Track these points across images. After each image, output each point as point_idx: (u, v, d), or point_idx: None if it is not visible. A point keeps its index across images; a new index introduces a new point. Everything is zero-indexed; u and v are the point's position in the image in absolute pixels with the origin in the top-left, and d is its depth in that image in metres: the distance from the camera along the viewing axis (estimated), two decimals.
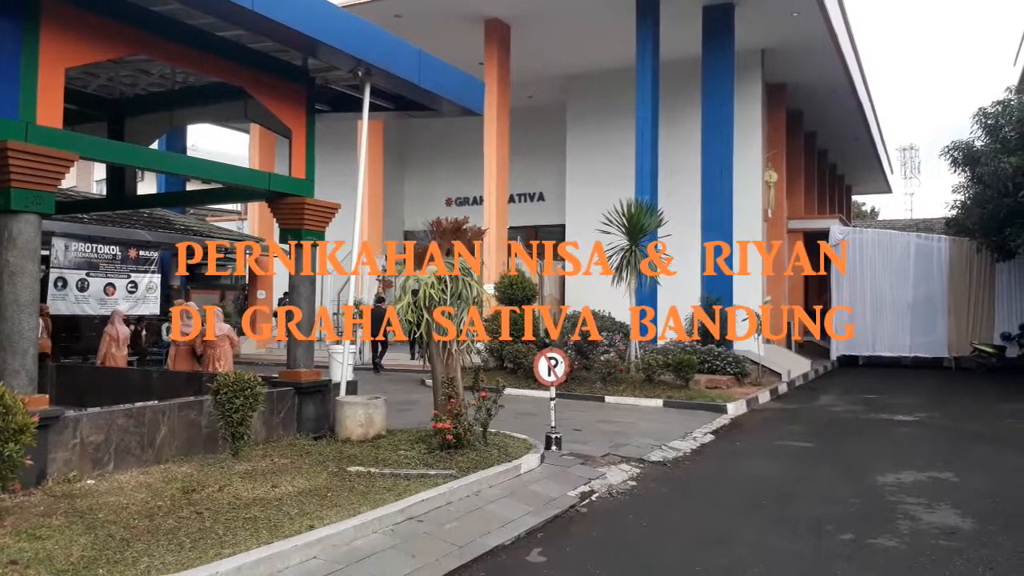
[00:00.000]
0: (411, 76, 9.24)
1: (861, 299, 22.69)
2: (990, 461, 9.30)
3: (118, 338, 12.34)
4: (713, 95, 17.74)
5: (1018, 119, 16.98)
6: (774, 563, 5.50)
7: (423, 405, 10.39)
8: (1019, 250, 17.76)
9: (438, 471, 7.08)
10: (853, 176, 40.83)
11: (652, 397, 13.38)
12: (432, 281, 8.14)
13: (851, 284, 22.78)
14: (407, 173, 27.88)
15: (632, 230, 14.68)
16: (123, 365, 12.47)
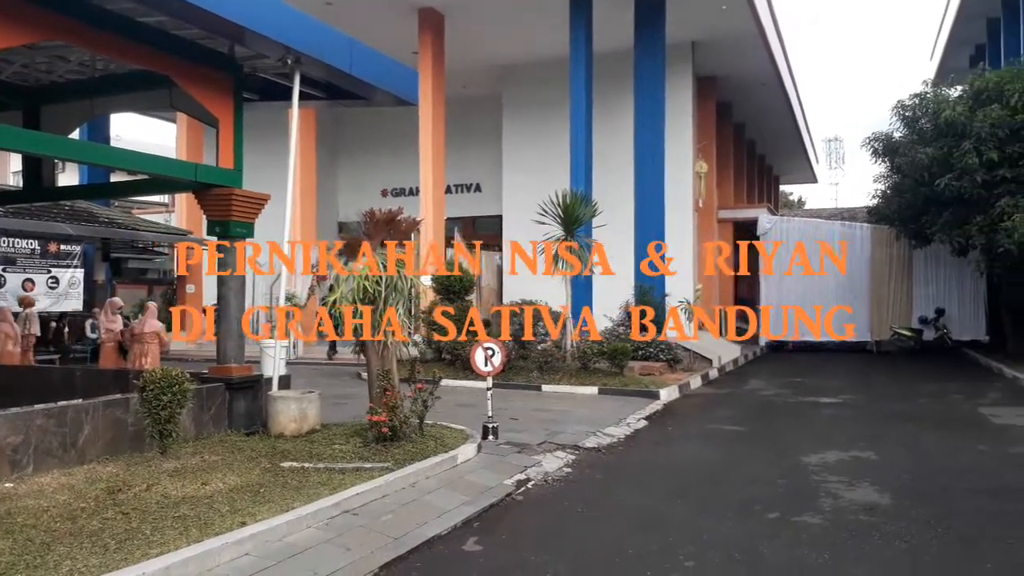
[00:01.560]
0: (342, 65, 9.11)
1: (788, 286, 23.42)
2: (907, 439, 9.74)
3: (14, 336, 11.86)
4: (645, 87, 17.98)
5: (934, 112, 17.68)
6: (704, 544, 5.66)
7: (359, 399, 10.30)
8: (935, 237, 18.57)
9: (374, 464, 7.04)
10: (780, 166, 41.99)
11: (588, 385, 13.56)
12: (365, 273, 8.06)
13: (778, 271, 23.48)
14: (341, 163, 27.46)
15: (567, 220, 14.81)
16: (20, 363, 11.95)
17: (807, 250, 23.38)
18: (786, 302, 23.36)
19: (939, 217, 17.99)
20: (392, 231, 8.63)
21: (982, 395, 13.59)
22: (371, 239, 8.42)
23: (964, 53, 28.52)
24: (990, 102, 16.43)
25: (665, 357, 15.55)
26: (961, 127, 16.62)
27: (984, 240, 16.79)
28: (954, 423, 10.91)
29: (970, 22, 25.86)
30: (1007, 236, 15.62)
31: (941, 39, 29.13)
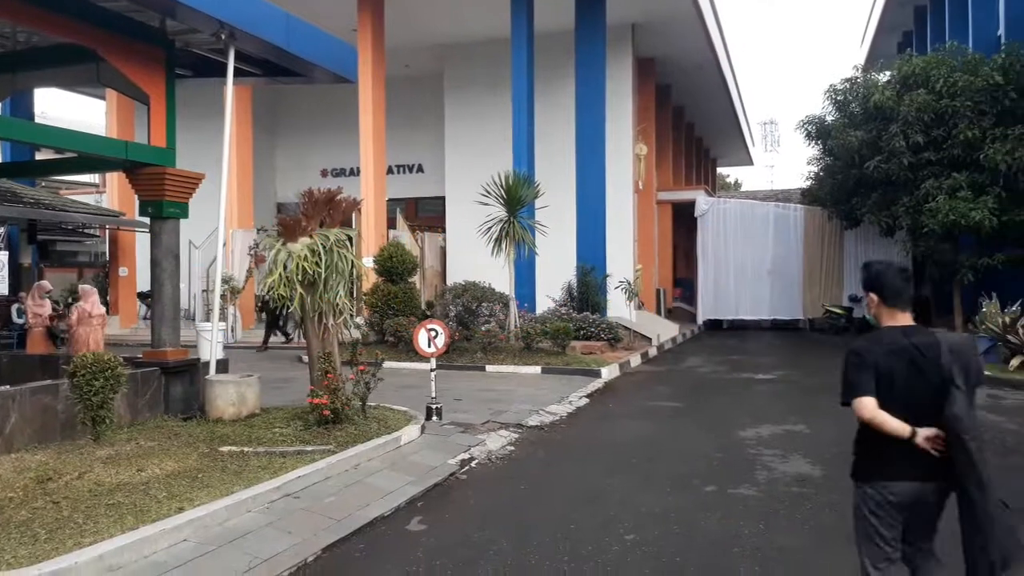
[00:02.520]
0: (278, 41, 8.91)
1: (725, 266, 23.98)
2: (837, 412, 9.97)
3: None
4: (586, 68, 18.07)
5: (863, 96, 18.25)
6: (643, 517, 5.80)
7: (300, 382, 10.18)
8: (864, 218, 19.23)
9: (315, 447, 6.98)
10: (718, 149, 42.77)
11: (531, 364, 13.66)
12: (305, 254, 7.94)
13: (715, 252, 24.02)
14: (279, 143, 26.88)
15: (510, 201, 14.82)
16: None
17: (743, 231, 23.97)
18: (723, 282, 23.93)
19: (868, 198, 18.64)
20: (331, 211, 8.50)
21: None
22: (310, 219, 8.28)
23: (893, 39, 29.44)
24: (916, 87, 17.02)
25: (606, 336, 15.78)
26: (889, 111, 17.19)
27: (910, 221, 17.46)
28: None
29: (898, 9, 26.68)
30: (931, 217, 16.26)
31: (871, 25, 29.98)
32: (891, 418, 3.20)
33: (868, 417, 3.25)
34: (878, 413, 3.21)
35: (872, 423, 3.25)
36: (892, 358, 3.24)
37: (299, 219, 8.36)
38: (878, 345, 3.30)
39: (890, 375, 3.23)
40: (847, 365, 3.36)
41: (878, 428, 3.24)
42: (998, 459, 7.39)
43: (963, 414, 3.05)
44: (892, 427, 3.19)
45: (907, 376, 3.22)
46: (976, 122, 16.32)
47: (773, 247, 23.80)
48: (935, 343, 3.23)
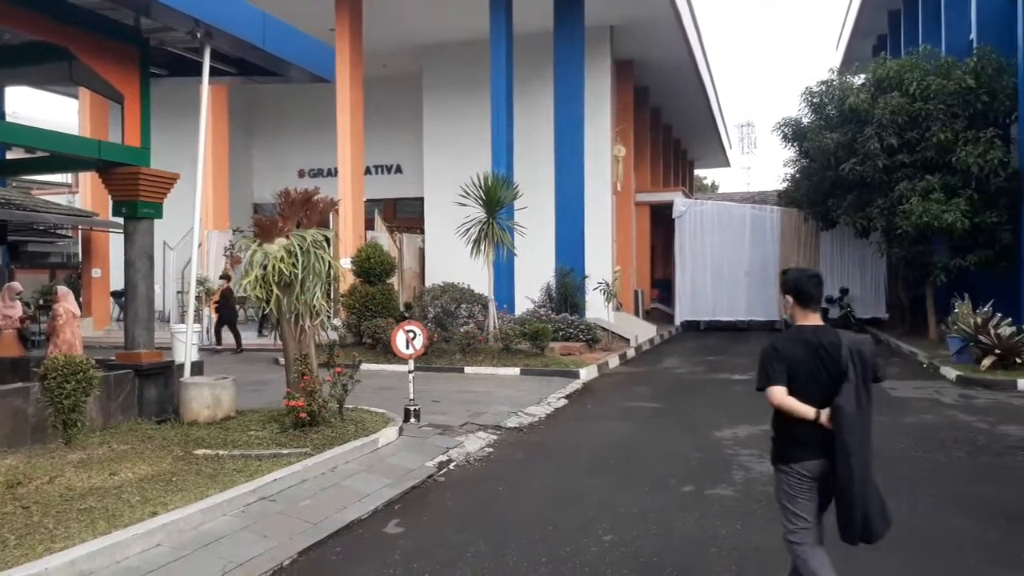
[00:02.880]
0: (255, 39, 8.84)
1: (702, 267, 24.14)
2: None
3: None
4: (564, 70, 18.11)
5: (839, 98, 18.43)
6: (621, 517, 5.81)
7: (276, 384, 10.09)
8: (840, 219, 19.43)
9: (292, 450, 6.93)
10: (695, 151, 43.04)
11: (510, 366, 13.66)
12: (281, 255, 7.87)
13: (693, 253, 24.18)
14: (256, 143, 26.66)
15: (489, 203, 14.81)
16: None
17: (720, 233, 24.16)
18: (700, 283, 24.09)
19: (844, 200, 18.83)
20: (308, 212, 8.44)
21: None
22: (286, 220, 8.21)
23: (868, 43, 29.79)
24: (890, 90, 17.22)
25: (585, 337, 15.81)
26: (864, 113, 17.38)
27: (884, 222, 17.67)
28: None
29: (873, 12, 27.01)
30: (905, 219, 16.46)
31: (846, 29, 30.32)
32: (799, 403, 3.68)
33: (778, 402, 3.72)
34: (787, 399, 3.69)
35: (782, 407, 3.73)
36: (802, 352, 3.74)
37: (275, 220, 8.29)
38: (791, 341, 3.81)
39: (799, 367, 3.72)
40: (764, 358, 3.83)
41: (788, 411, 3.71)
42: (969, 459, 7.52)
43: (845, 404, 3.59)
44: (800, 410, 3.68)
45: (813, 368, 3.70)
46: (949, 125, 16.54)
47: (750, 248, 23.99)
48: (838, 342, 3.73)
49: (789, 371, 3.71)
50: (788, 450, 3.83)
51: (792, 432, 3.77)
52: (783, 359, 3.74)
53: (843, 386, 3.62)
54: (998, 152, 16.00)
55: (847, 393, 3.60)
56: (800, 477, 3.80)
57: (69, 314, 10.42)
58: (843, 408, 3.59)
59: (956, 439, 8.34)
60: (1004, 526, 5.53)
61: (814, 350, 3.72)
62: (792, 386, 3.70)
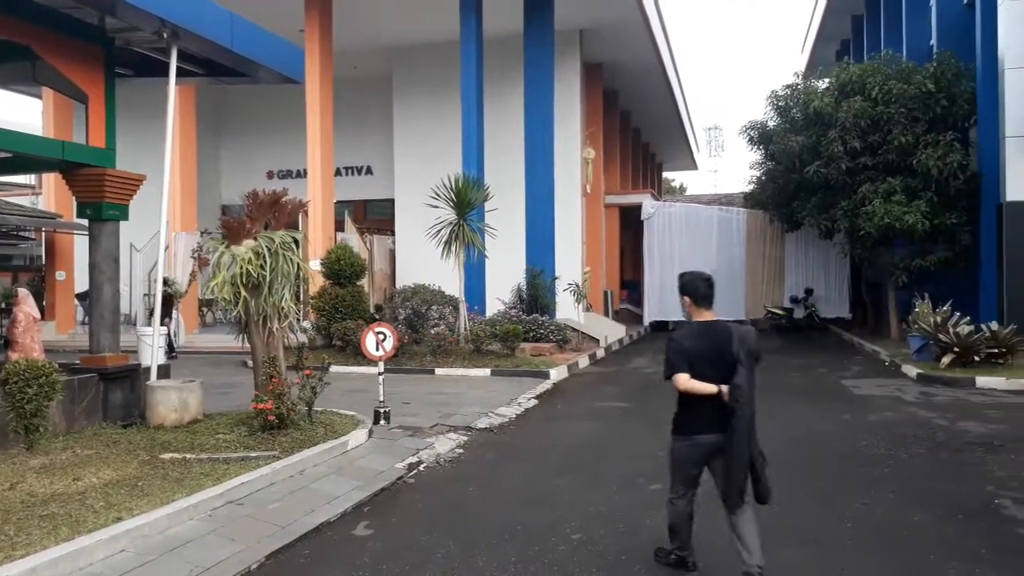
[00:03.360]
0: (223, 40, 8.77)
1: (670, 268, 24.35)
2: (778, 410, 10.34)
3: None
4: (534, 73, 18.19)
5: (804, 102, 18.73)
6: (590, 516, 5.87)
7: (245, 387, 10.01)
8: (805, 221, 19.75)
9: (260, 453, 6.89)
10: (664, 153, 43.40)
11: (481, 367, 13.68)
12: (249, 256, 7.83)
13: (661, 254, 24.41)
14: (224, 144, 26.38)
15: (460, 204, 14.82)
16: None
17: (688, 234, 24.43)
18: (668, 284, 24.29)
19: (808, 202, 19.15)
20: (277, 214, 8.40)
21: (845, 368, 14.64)
22: (254, 221, 8.17)
23: (832, 47, 30.31)
24: (853, 94, 17.55)
25: (555, 338, 15.89)
26: (828, 117, 17.69)
27: (848, 224, 18.00)
28: (820, 394, 11.71)
29: (837, 18, 27.49)
30: (867, 220, 16.79)
31: (811, 33, 30.83)
32: (701, 383, 4.37)
33: (684, 387, 4.42)
34: (691, 382, 4.39)
35: (688, 390, 4.42)
36: (699, 343, 4.44)
37: (243, 221, 8.24)
38: (689, 335, 4.51)
39: (697, 355, 4.40)
40: (668, 350, 4.50)
41: (693, 392, 4.40)
42: (930, 455, 7.70)
43: (742, 383, 4.26)
44: (703, 389, 4.37)
45: (710, 356, 4.39)
46: (909, 128, 16.90)
47: (717, 250, 24.28)
48: (729, 333, 4.41)
49: (689, 360, 4.39)
50: (690, 425, 4.52)
51: (694, 410, 4.47)
52: (683, 350, 4.42)
53: (738, 368, 4.28)
54: (957, 155, 16.40)
55: (741, 374, 4.26)
56: (695, 449, 4.50)
57: (30, 318, 10.23)
58: (740, 386, 4.25)
59: (917, 436, 8.53)
60: (962, 521, 5.68)
61: (709, 341, 4.41)
62: (693, 372, 4.38)
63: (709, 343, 4.40)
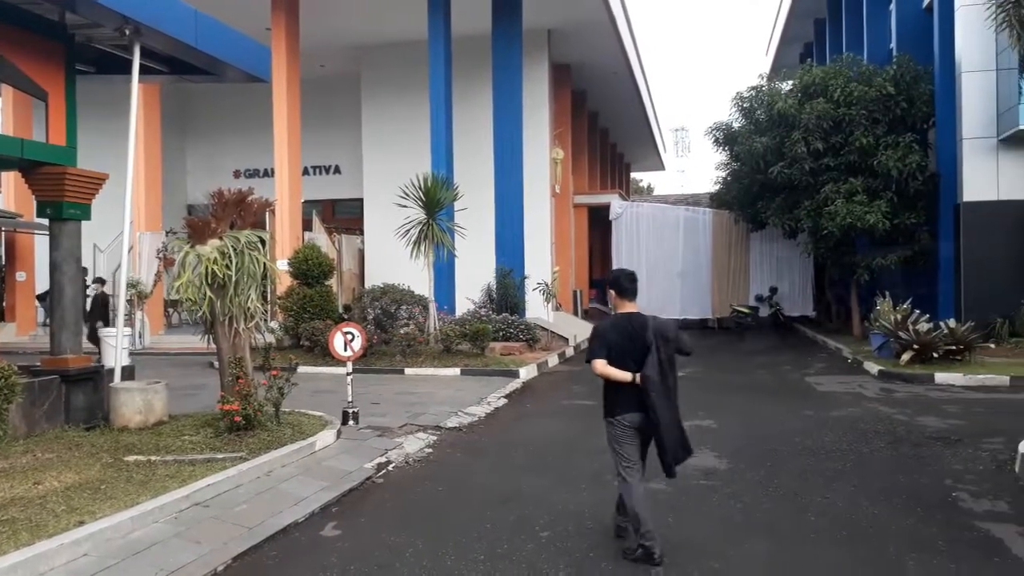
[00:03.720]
0: (187, 38, 8.67)
1: (638, 267, 24.55)
2: (743, 407, 10.53)
3: None
4: (503, 73, 18.22)
5: (768, 104, 19.01)
6: (558, 513, 5.91)
7: (211, 389, 9.91)
8: (769, 221, 20.05)
9: (226, 454, 6.83)
10: (631, 154, 43.73)
11: (450, 367, 13.69)
12: (214, 256, 7.75)
13: (629, 254, 24.61)
14: (190, 143, 26.04)
15: (429, 204, 14.80)
16: None
17: (655, 234, 24.67)
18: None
19: (772, 202, 19.44)
20: (242, 213, 8.33)
21: (808, 366, 14.90)
22: (219, 221, 8.09)
23: (795, 50, 30.79)
24: (816, 96, 17.85)
25: (525, 337, 15.94)
26: (792, 119, 17.97)
27: (811, 223, 18.30)
28: (784, 391, 11.90)
29: (800, 21, 27.93)
30: (830, 220, 17.09)
31: (775, 36, 31.28)
32: (616, 370, 4.88)
33: (600, 371, 4.94)
34: (607, 368, 4.90)
35: (603, 375, 4.95)
36: (620, 334, 4.93)
37: (208, 221, 8.16)
38: (611, 325, 5.03)
39: (618, 344, 4.90)
40: (591, 338, 5.07)
41: (610, 377, 4.92)
42: (890, 449, 7.87)
43: (649, 371, 4.77)
44: (618, 375, 4.88)
45: (627, 345, 4.87)
46: (870, 130, 17.24)
47: (683, 249, 24.56)
48: (646, 324, 4.91)
49: (609, 348, 4.89)
50: (614, 407, 5.02)
51: (616, 393, 4.97)
52: (604, 339, 4.95)
53: (648, 357, 4.78)
54: (916, 156, 16.77)
55: (651, 362, 4.77)
56: (623, 427, 4.99)
57: None
58: (648, 374, 4.77)
59: (878, 431, 8.71)
60: (921, 513, 5.82)
61: (628, 331, 4.91)
62: (613, 358, 4.87)
63: (628, 332, 4.91)
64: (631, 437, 5.01)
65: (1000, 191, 15.56)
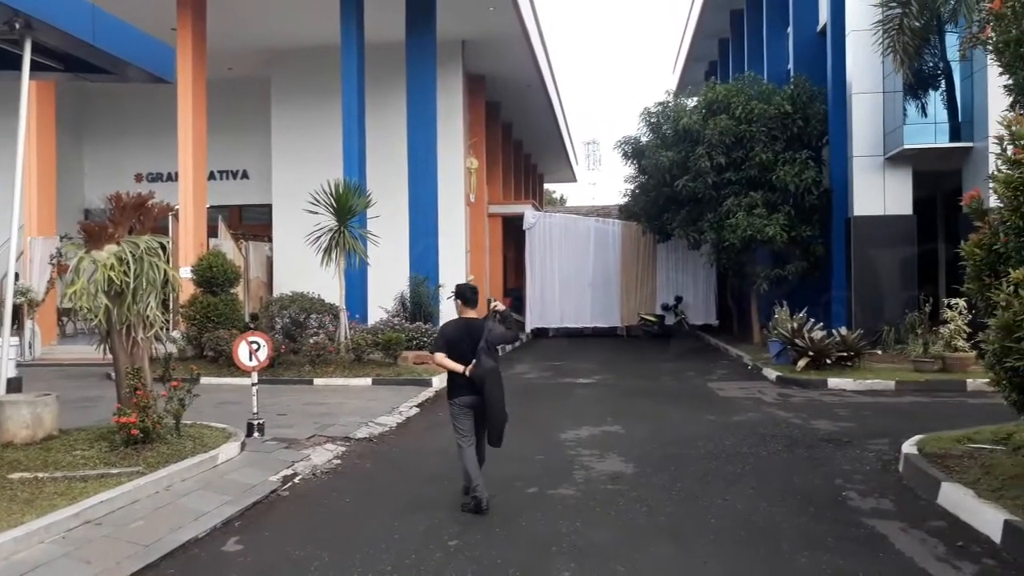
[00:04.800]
0: (83, 34, 8.30)
1: (551, 277, 24.97)
2: (649, 413, 10.81)
3: None
4: (417, 81, 18.18)
5: (674, 119, 19.62)
6: (467, 522, 5.93)
7: (107, 401, 9.45)
8: (674, 232, 20.68)
9: (122, 469, 6.55)
10: (545, 165, 44.31)
11: (361, 376, 13.51)
12: (112, 262, 7.43)
13: (542, 263, 24.94)
14: (88, 145, 24.83)
15: (340, 211, 14.58)
16: None
17: (567, 244, 25.10)
18: (548, 292, 24.89)
19: (678, 214, 20.06)
20: (142, 217, 8.02)
21: (711, 372, 15.43)
22: (117, 226, 7.76)
23: (701, 68, 31.95)
24: (719, 112, 18.55)
25: None
26: (696, 134, 18.61)
27: (714, 235, 18.97)
28: (688, 397, 12.28)
29: (706, 41, 29.01)
30: (732, 232, 17.77)
31: (682, 54, 32.38)
32: (452, 362, 6.22)
33: (439, 362, 6.33)
34: (445, 360, 6.25)
35: (441, 365, 6.33)
36: (459, 333, 6.33)
37: (105, 225, 7.82)
38: (453, 326, 6.47)
39: (456, 342, 6.27)
40: (436, 337, 6.81)
41: (448, 368, 6.27)
42: (786, 452, 8.23)
43: (482, 363, 6.12)
44: (452, 366, 6.23)
45: (465, 342, 6.24)
46: (769, 146, 18.04)
47: (594, 259, 25.06)
48: (480, 328, 6.27)
49: (449, 344, 6.28)
50: (453, 391, 6.35)
51: (454, 380, 6.31)
52: (446, 337, 6.38)
53: (479, 353, 6.13)
54: (811, 172, 17.66)
55: (483, 357, 6.13)
56: (460, 407, 6.30)
57: None
58: (478, 371, 6.10)
59: (775, 435, 9.09)
60: (813, 512, 6.11)
61: (466, 332, 6.28)
62: (453, 353, 6.22)
63: (466, 333, 6.27)
64: (466, 415, 6.29)
65: (887, 206, 16.56)
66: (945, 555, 5.13)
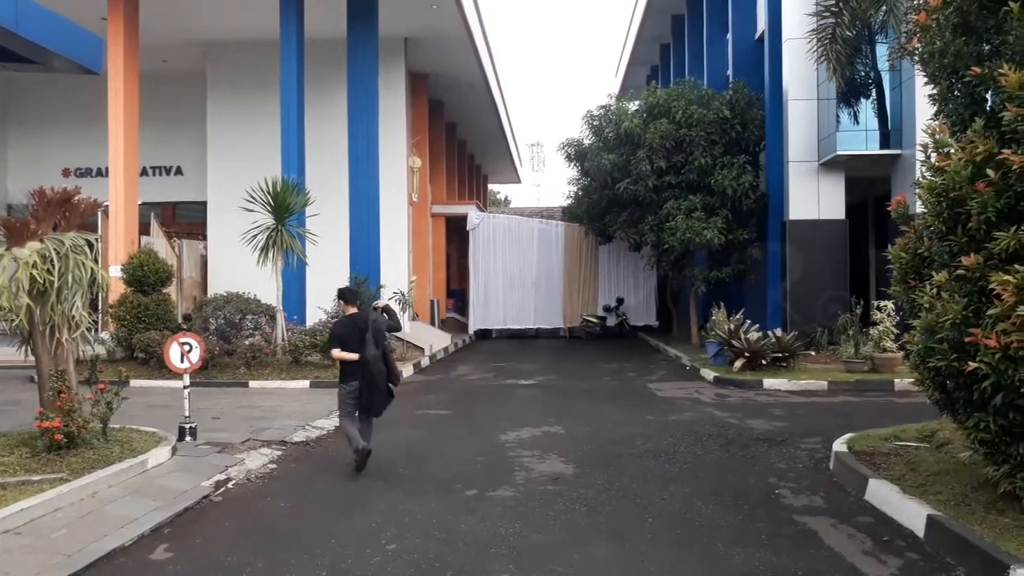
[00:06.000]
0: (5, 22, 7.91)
1: (494, 278, 24.96)
2: (590, 413, 10.89)
3: None
4: (358, 77, 17.94)
5: (616, 122, 19.80)
6: (405, 524, 5.86)
7: (29, 405, 9.05)
8: (616, 234, 20.91)
9: (44, 476, 6.28)
10: (489, 167, 44.32)
11: (299, 379, 13.28)
12: (35, 260, 7.12)
13: (485, 264, 24.92)
14: (11, 137, 23.81)
15: (278, 209, 14.30)
16: None
17: (511, 245, 25.14)
18: (492, 293, 24.88)
19: (619, 217, 20.28)
20: (68, 213, 7.71)
21: (651, 373, 15.63)
22: (40, 222, 7.44)
23: (642, 72, 32.37)
24: (660, 116, 18.80)
25: None
26: (637, 137, 18.82)
27: (654, 238, 19.23)
28: (627, 397, 12.41)
29: (647, 45, 29.42)
30: (671, 235, 18.03)
31: (624, 58, 32.79)
32: (346, 353, 7.36)
33: (336, 355, 7.50)
34: (341, 353, 7.39)
35: (339, 359, 7.47)
36: (348, 329, 7.47)
37: (27, 221, 7.50)
38: (342, 323, 7.68)
39: (347, 336, 7.41)
40: (330, 337, 7.89)
41: (344, 359, 7.41)
42: (722, 451, 8.38)
43: (368, 354, 7.29)
44: (346, 357, 7.37)
45: (353, 336, 7.37)
46: (708, 150, 18.36)
47: (537, 260, 25.16)
48: (366, 321, 7.44)
49: (340, 340, 7.41)
50: (343, 377, 7.50)
51: (346, 367, 7.43)
52: (337, 334, 7.54)
53: (367, 344, 7.29)
54: (749, 176, 18.05)
55: (369, 346, 7.29)
56: (347, 391, 7.45)
57: None
58: (366, 355, 7.29)
59: (712, 434, 9.24)
60: (748, 510, 6.22)
61: (353, 327, 7.42)
62: (345, 347, 7.34)
63: (352, 328, 7.42)
64: (353, 396, 7.42)
65: (821, 211, 17.04)
66: (872, 549, 5.29)
